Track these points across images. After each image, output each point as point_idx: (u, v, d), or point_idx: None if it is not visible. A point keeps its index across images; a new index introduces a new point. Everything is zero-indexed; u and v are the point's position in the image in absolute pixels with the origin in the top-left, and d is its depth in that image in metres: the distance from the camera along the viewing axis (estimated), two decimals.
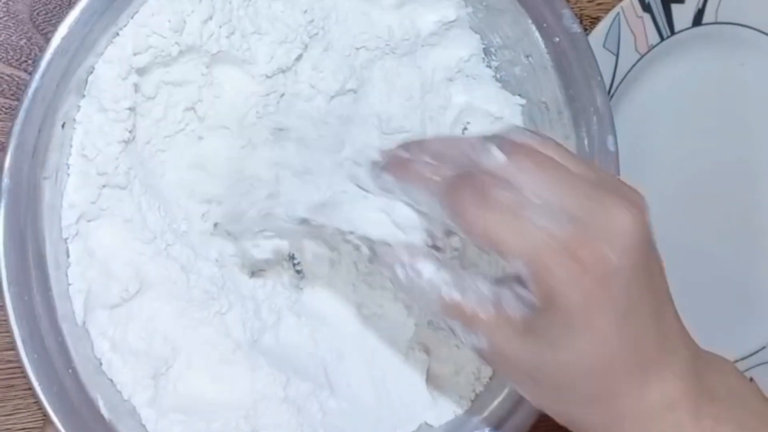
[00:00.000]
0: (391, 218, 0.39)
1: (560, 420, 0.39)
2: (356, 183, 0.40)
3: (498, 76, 0.56)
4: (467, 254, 0.56)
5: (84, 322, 0.47)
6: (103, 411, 0.46)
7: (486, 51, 0.56)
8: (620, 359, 0.36)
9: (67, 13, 0.44)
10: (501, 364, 0.38)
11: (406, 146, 0.39)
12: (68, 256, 0.47)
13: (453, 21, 0.54)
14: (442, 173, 0.37)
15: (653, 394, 0.36)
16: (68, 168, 0.46)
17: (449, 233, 0.38)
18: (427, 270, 0.38)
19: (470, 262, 0.56)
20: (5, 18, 0.55)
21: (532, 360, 0.36)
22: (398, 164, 0.38)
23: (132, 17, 0.45)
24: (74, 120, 0.46)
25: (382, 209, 0.39)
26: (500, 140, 0.36)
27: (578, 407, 0.37)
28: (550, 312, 0.35)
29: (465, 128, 0.57)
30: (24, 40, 0.55)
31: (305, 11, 0.49)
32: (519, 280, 0.35)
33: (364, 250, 0.39)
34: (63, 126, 0.45)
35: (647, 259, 0.35)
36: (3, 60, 0.55)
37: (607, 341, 0.35)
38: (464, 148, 0.37)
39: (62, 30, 0.43)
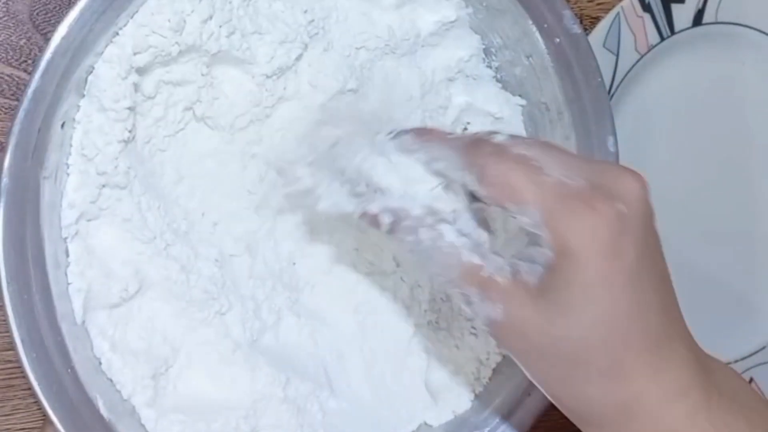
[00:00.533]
0: (414, 184, 0.39)
1: (569, 408, 0.38)
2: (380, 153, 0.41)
3: (498, 76, 0.56)
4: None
5: (83, 322, 0.47)
6: (103, 411, 0.46)
7: (486, 51, 0.56)
8: (634, 331, 0.35)
9: (66, 12, 0.44)
10: (514, 337, 0.37)
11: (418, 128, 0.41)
12: (68, 256, 0.47)
13: (453, 21, 0.54)
14: (458, 139, 0.39)
15: (667, 377, 0.36)
16: (68, 167, 0.46)
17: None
18: (449, 233, 0.38)
19: None
20: (5, 18, 0.55)
21: (546, 328, 0.36)
22: (420, 130, 0.41)
23: (132, 17, 0.45)
24: (74, 119, 0.46)
25: (406, 175, 0.39)
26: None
27: (591, 386, 0.36)
28: (565, 267, 0.34)
29: (465, 128, 0.57)
30: (24, 40, 0.55)
31: (305, 11, 0.49)
32: (533, 242, 0.36)
33: (386, 218, 0.39)
34: (63, 125, 0.45)
35: (654, 232, 0.36)
36: (3, 60, 0.55)
37: (622, 303, 0.35)
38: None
39: (62, 29, 0.43)
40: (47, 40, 0.44)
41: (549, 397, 0.39)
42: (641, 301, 0.35)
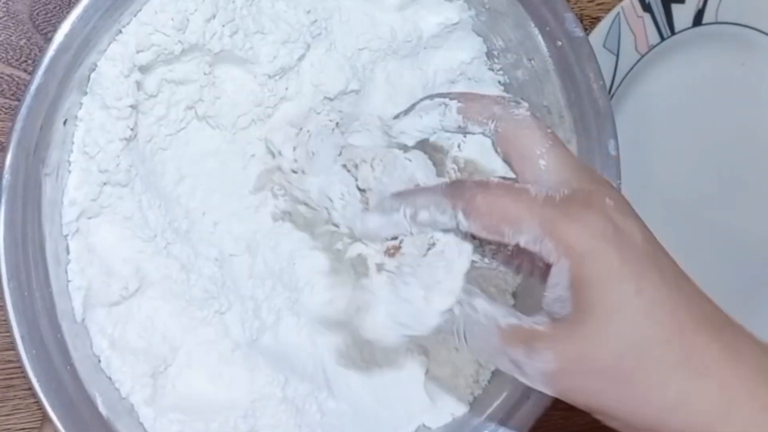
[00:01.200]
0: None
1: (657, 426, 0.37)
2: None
3: (500, 79, 0.57)
4: None
5: (83, 320, 0.47)
6: (101, 409, 0.46)
7: (488, 54, 0.56)
8: (687, 316, 0.35)
9: (68, 11, 0.44)
10: (575, 380, 0.37)
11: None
12: (68, 253, 0.47)
13: (456, 23, 0.54)
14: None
15: (740, 372, 0.36)
16: (69, 165, 0.46)
17: None
18: (481, 304, 0.38)
19: None
20: (5, 18, 0.55)
21: (600, 349, 0.35)
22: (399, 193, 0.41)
23: (135, 15, 0.45)
24: (76, 117, 0.46)
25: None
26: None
27: (671, 386, 0.35)
28: (585, 270, 0.35)
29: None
30: (24, 40, 0.55)
31: (308, 11, 0.49)
32: (543, 280, 0.36)
33: None
34: (65, 123, 0.45)
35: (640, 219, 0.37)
36: (3, 60, 0.55)
37: (662, 290, 0.35)
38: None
39: (65, 27, 0.43)
40: (47, 40, 0.44)
41: (615, 426, 0.38)
42: (681, 285, 0.36)
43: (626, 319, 0.35)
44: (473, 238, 0.39)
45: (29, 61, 0.55)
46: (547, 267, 0.36)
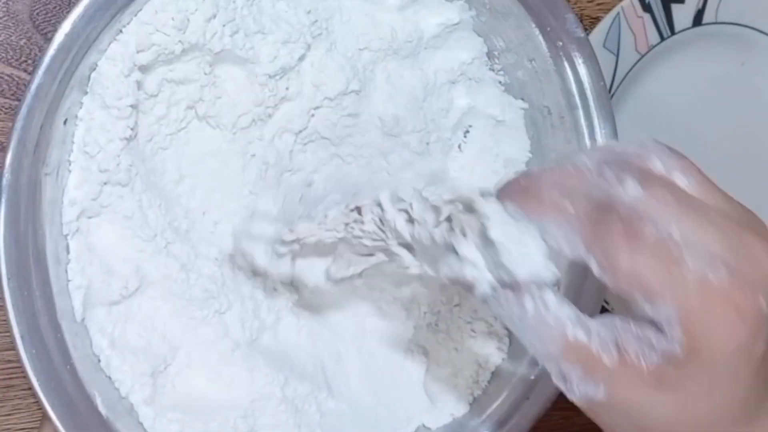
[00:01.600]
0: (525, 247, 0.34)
1: None
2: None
3: (500, 79, 0.57)
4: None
5: (83, 319, 0.47)
6: (101, 408, 0.46)
7: (489, 54, 0.56)
8: (747, 410, 0.34)
9: (68, 11, 0.44)
10: (615, 416, 0.34)
11: (524, 175, 0.36)
12: (68, 253, 0.47)
13: (456, 24, 0.54)
14: (576, 205, 0.33)
15: None
16: (69, 164, 0.46)
17: None
18: (552, 303, 0.34)
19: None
20: (5, 18, 0.55)
21: (657, 415, 0.33)
22: (522, 192, 0.35)
23: (135, 14, 0.45)
24: (76, 117, 0.46)
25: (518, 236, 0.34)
26: (635, 171, 0.34)
27: None
28: (693, 364, 0.32)
29: (467, 131, 0.57)
30: (24, 40, 0.55)
31: (309, 11, 0.49)
32: (652, 326, 0.32)
33: (484, 286, 0.35)
34: (65, 122, 0.45)
35: None
36: (3, 60, 0.55)
37: (742, 394, 0.33)
38: (592, 179, 0.34)
39: (66, 26, 0.43)
40: (47, 40, 0.44)
41: None
42: (756, 384, 0.34)
43: (697, 412, 0.33)
44: None
45: (29, 61, 0.55)
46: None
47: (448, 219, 0.36)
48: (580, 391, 0.34)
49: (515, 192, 0.35)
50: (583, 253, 0.33)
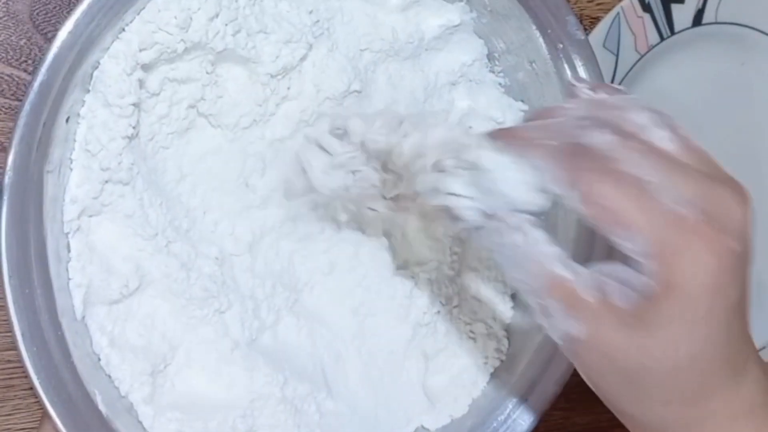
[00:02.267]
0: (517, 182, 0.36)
1: (635, 423, 0.37)
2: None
3: (501, 81, 0.57)
4: (467, 259, 0.56)
5: (83, 317, 0.47)
6: (101, 406, 0.46)
7: (490, 56, 0.56)
8: (722, 360, 0.34)
9: (68, 11, 0.44)
10: (594, 357, 0.35)
11: (511, 126, 0.38)
12: (69, 251, 0.47)
13: (457, 25, 0.55)
14: (559, 143, 0.35)
15: (739, 397, 0.35)
16: (71, 163, 0.46)
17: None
18: (541, 239, 0.35)
19: (469, 266, 0.56)
20: (5, 18, 0.55)
21: (635, 355, 0.34)
22: (509, 132, 0.37)
23: (138, 13, 0.45)
24: (78, 115, 0.46)
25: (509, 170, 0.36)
26: (616, 122, 0.35)
27: (669, 408, 0.35)
28: (669, 300, 0.33)
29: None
30: (24, 40, 0.55)
31: (311, 11, 0.50)
32: (626, 264, 0.34)
33: (475, 215, 0.36)
34: (67, 120, 0.45)
35: (750, 259, 0.35)
36: (3, 60, 0.55)
37: (719, 337, 0.34)
38: (574, 125, 0.35)
39: (68, 25, 0.43)
40: (47, 40, 0.44)
41: (611, 409, 0.38)
42: (732, 333, 0.34)
43: (675, 353, 0.34)
44: None
45: (29, 61, 0.55)
46: None
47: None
48: (561, 327, 0.35)
49: (503, 133, 0.37)
50: (563, 183, 0.34)
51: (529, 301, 0.36)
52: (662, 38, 0.58)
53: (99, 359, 0.47)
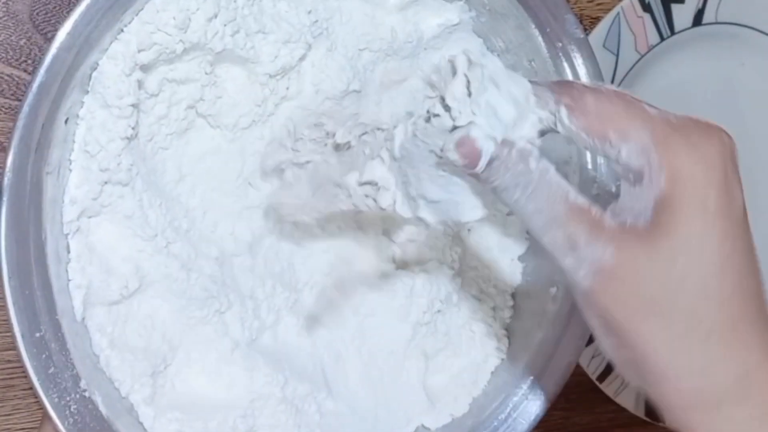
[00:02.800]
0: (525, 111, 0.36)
1: (680, 385, 0.34)
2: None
3: None
4: (467, 258, 0.56)
5: (83, 318, 0.47)
6: (101, 407, 0.46)
7: None
8: (747, 294, 0.34)
9: (68, 10, 0.44)
10: (624, 291, 0.34)
11: None
12: (69, 252, 0.47)
13: (456, 24, 0.55)
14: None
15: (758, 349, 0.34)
16: (70, 164, 0.46)
17: None
18: (552, 171, 0.35)
19: (469, 266, 0.56)
20: (5, 18, 0.54)
21: (661, 276, 0.33)
22: None
23: (137, 14, 0.45)
24: (77, 116, 0.46)
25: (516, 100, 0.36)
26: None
27: (710, 348, 0.34)
28: (677, 193, 0.33)
29: None
30: (24, 40, 0.55)
31: (309, 11, 0.50)
32: (630, 181, 0.34)
33: (489, 145, 0.35)
34: (66, 121, 0.45)
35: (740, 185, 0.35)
36: (3, 60, 0.55)
37: (737, 258, 0.33)
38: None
39: (67, 25, 0.43)
40: (47, 40, 0.44)
41: (649, 384, 0.35)
42: (750, 264, 0.34)
43: (698, 263, 0.33)
44: None
45: (29, 61, 0.55)
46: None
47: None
48: (588, 257, 0.34)
49: None
50: (552, 107, 0.35)
51: (550, 237, 0.35)
52: (662, 38, 0.58)
53: (99, 360, 0.47)
